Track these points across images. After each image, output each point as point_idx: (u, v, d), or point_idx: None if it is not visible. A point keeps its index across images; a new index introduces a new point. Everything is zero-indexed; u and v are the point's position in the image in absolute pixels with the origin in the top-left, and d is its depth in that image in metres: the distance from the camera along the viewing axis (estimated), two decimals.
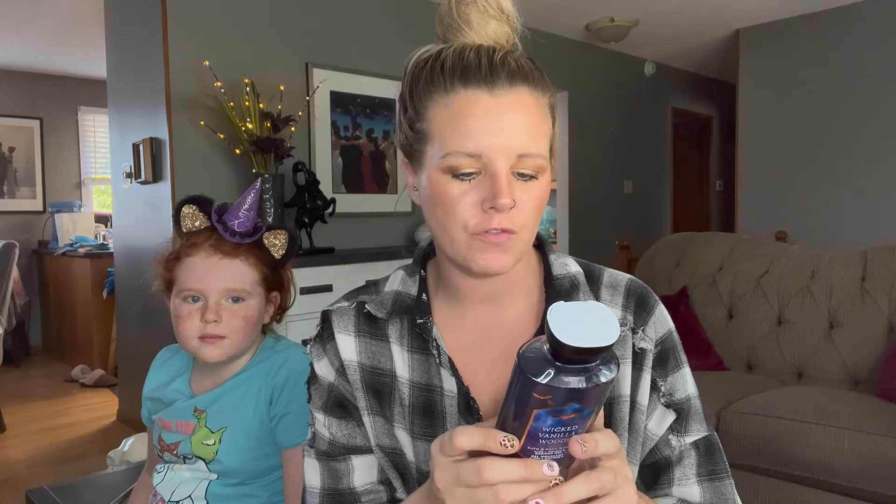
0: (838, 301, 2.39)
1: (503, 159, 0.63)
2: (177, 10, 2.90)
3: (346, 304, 0.79)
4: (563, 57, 4.80)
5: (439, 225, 0.67)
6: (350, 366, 0.76)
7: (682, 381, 0.74)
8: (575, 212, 4.90)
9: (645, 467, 0.73)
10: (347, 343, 0.76)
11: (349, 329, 0.77)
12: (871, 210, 4.21)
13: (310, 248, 3.02)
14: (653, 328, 0.73)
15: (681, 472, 0.72)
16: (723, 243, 2.82)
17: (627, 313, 0.73)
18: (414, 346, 0.74)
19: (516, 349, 0.58)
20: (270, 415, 1.05)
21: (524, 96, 0.64)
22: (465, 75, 0.64)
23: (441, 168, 0.64)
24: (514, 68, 0.64)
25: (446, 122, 0.64)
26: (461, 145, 0.63)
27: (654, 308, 0.74)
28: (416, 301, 0.75)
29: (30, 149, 5.67)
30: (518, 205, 0.64)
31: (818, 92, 4.42)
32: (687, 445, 0.73)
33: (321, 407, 0.78)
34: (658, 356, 0.73)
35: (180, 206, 1.05)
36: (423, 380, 0.73)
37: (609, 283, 0.75)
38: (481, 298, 0.73)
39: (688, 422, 0.73)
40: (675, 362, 0.74)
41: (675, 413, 0.73)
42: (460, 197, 0.64)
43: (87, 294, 4.76)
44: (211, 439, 1.05)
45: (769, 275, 2.58)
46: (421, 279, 0.77)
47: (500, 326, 0.73)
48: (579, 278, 0.74)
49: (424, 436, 0.72)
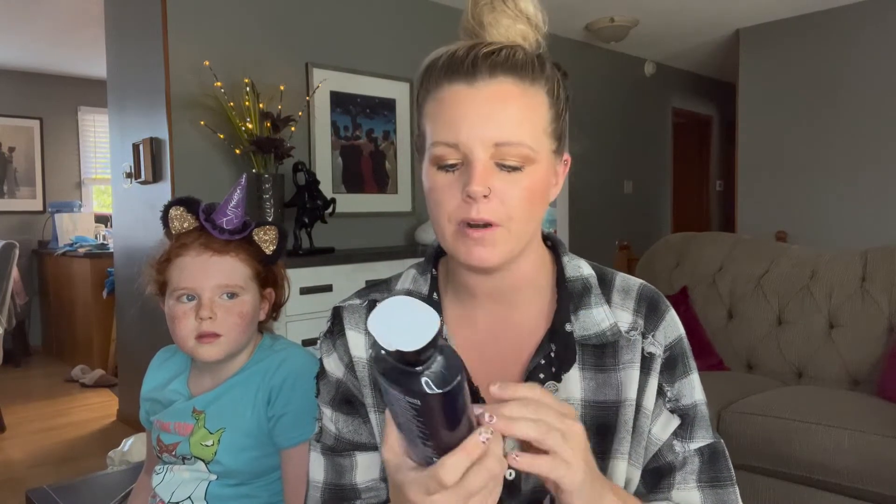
0: (838, 301, 2.39)
1: (480, 148, 0.63)
2: (177, 10, 2.90)
3: (357, 302, 0.79)
4: (563, 57, 4.75)
5: (433, 217, 0.69)
6: (359, 363, 0.76)
7: (690, 387, 0.73)
8: (575, 212, 4.90)
9: (647, 472, 0.73)
10: (358, 340, 0.77)
11: (360, 326, 0.77)
12: (871, 210, 4.20)
13: (310, 248, 3.02)
14: (662, 333, 0.73)
15: (681, 477, 0.72)
16: (723, 243, 2.82)
17: (638, 317, 0.73)
18: None
19: (525, 349, 0.58)
20: (268, 415, 1.05)
21: (506, 86, 0.65)
22: (449, 70, 0.66)
23: (430, 160, 0.67)
24: (501, 60, 0.65)
25: (434, 115, 0.67)
26: (442, 135, 0.65)
27: (665, 313, 0.74)
28: (426, 300, 0.75)
29: (30, 149, 5.67)
30: (500, 196, 0.64)
31: (818, 92, 4.42)
32: (691, 451, 0.72)
33: (329, 402, 0.78)
34: (666, 361, 0.72)
35: (167, 209, 1.05)
36: None
37: (621, 287, 0.75)
38: (490, 296, 0.73)
39: (693, 428, 0.73)
40: (684, 368, 0.73)
41: (680, 418, 0.72)
42: (445, 188, 0.66)
43: (87, 294, 4.76)
44: (210, 440, 1.05)
45: (769, 275, 2.58)
46: (432, 278, 0.77)
47: (509, 326, 0.74)
48: (591, 281, 0.74)
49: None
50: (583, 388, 0.70)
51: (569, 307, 0.72)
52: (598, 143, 5.06)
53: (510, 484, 0.68)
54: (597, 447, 0.69)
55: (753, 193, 4.76)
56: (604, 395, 0.70)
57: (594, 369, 0.70)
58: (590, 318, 0.71)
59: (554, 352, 0.70)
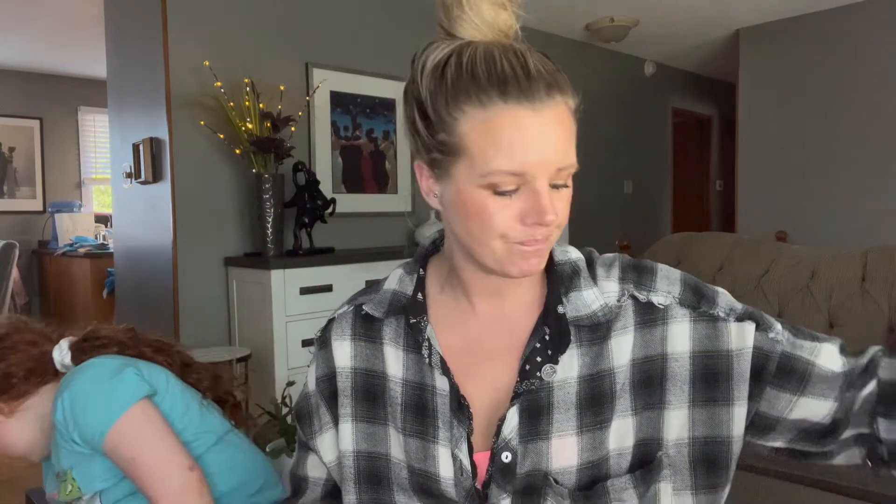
0: (838, 301, 2.39)
1: (545, 176, 0.63)
2: (177, 10, 2.90)
3: (346, 308, 0.81)
4: (563, 57, 4.80)
5: (470, 234, 0.67)
6: (342, 373, 0.79)
7: (729, 298, 0.72)
8: (575, 212, 4.84)
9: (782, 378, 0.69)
10: (343, 348, 0.79)
11: (346, 333, 0.79)
12: (871, 210, 4.21)
13: (310, 248, 3.02)
14: (664, 282, 0.72)
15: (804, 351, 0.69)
16: (723, 243, 2.82)
17: (626, 284, 0.72)
18: (409, 345, 0.75)
19: (521, 336, 0.66)
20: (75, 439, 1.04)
21: (561, 107, 0.64)
22: (502, 88, 0.61)
23: (481, 185, 0.63)
24: (549, 78, 0.63)
25: (486, 138, 0.62)
26: (504, 164, 0.62)
27: (655, 267, 0.74)
28: (410, 300, 0.76)
29: (30, 149, 5.67)
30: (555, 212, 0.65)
31: (818, 92, 4.42)
32: (783, 332, 0.70)
33: (298, 406, 0.85)
34: (694, 293, 0.71)
35: None
36: (416, 378, 0.74)
37: (603, 262, 0.75)
38: (490, 292, 0.74)
39: (763, 318, 0.70)
40: (712, 289, 0.72)
41: (751, 320, 0.70)
42: (499, 211, 0.64)
43: (87, 294, 4.76)
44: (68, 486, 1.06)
45: (769, 275, 2.58)
46: (419, 278, 0.77)
47: (503, 317, 0.74)
48: (580, 264, 0.74)
49: (416, 433, 0.73)
50: (579, 365, 0.70)
51: (559, 290, 0.72)
52: (598, 143, 5.07)
53: (505, 467, 0.69)
54: (591, 420, 0.69)
55: (753, 193, 4.76)
56: (598, 367, 0.70)
57: (589, 344, 0.70)
58: (581, 300, 0.71)
59: (548, 335, 0.70)
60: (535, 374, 0.69)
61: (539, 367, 0.69)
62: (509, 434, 0.69)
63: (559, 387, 0.69)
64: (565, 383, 0.69)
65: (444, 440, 0.71)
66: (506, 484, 0.69)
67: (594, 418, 0.69)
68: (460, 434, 0.71)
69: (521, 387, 0.69)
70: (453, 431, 0.71)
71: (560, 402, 0.69)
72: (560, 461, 0.68)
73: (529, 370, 0.69)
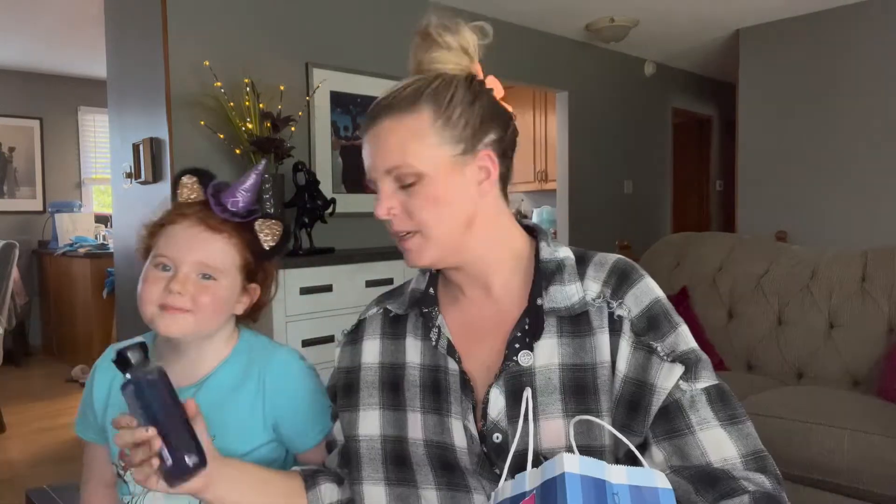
0: (838, 301, 2.39)
1: (380, 177, 0.81)
2: (177, 10, 2.90)
3: (375, 311, 0.94)
4: (563, 57, 4.80)
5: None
6: (371, 368, 0.90)
7: (682, 338, 0.78)
8: (575, 212, 4.90)
9: (657, 416, 0.75)
10: (372, 347, 0.91)
11: (376, 332, 0.92)
12: (871, 210, 4.21)
13: (310, 248, 3.02)
14: (633, 298, 0.79)
15: (697, 417, 0.75)
16: (723, 243, 2.82)
17: (606, 288, 0.80)
18: (425, 333, 0.87)
19: (508, 323, 0.81)
20: (273, 419, 0.97)
21: (385, 124, 0.80)
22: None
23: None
24: (383, 105, 0.81)
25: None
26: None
27: (637, 281, 0.80)
28: (423, 294, 0.89)
29: (30, 149, 5.67)
30: (406, 209, 0.79)
31: (818, 92, 4.42)
32: (697, 390, 0.75)
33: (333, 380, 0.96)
34: (648, 322, 0.78)
35: (180, 175, 1.01)
36: (431, 362, 0.85)
37: (597, 262, 0.83)
38: (471, 284, 0.86)
39: (697, 370, 0.76)
40: (669, 324, 0.79)
41: (683, 364, 0.76)
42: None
43: (87, 294, 4.76)
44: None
45: (769, 275, 2.58)
46: (431, 275, 0.91)
47: (491, 304, 0.85)
48: (567, 262, 0.83)
49: (433, 410, 0.83)
50: (560, 353, 0.78)
51: (541, 284, 0.82)
52: (597, 142, 5.07)
53: (497, 446, 0.78)
54: (576, 407, 0.76)
55: (753, 193, 4.76)
56: (580, 359, 0.78)
57: (570, 335, 0.79)
58: (561, 293, 0.80)
59: (528, 324, 0.80)
60: (512, 357, 0.78)
61: (516, 353, 0.79)
62: (497, 416, 0.78)
63: (540, 372, 0.78)
64: (546, 369, 0.78)
65: (457, 413, 0.81)
66: (499, 461, 0.77)
67: (578, 406, 0.76)
68: (467, 406, 0.80)
69: (502, 368, 0.79)
70: (462, 405, 0.80)
71: (543, 387, 0.77)
72: (550, 441, 0.76)
73: (508, 354, 0.79)
